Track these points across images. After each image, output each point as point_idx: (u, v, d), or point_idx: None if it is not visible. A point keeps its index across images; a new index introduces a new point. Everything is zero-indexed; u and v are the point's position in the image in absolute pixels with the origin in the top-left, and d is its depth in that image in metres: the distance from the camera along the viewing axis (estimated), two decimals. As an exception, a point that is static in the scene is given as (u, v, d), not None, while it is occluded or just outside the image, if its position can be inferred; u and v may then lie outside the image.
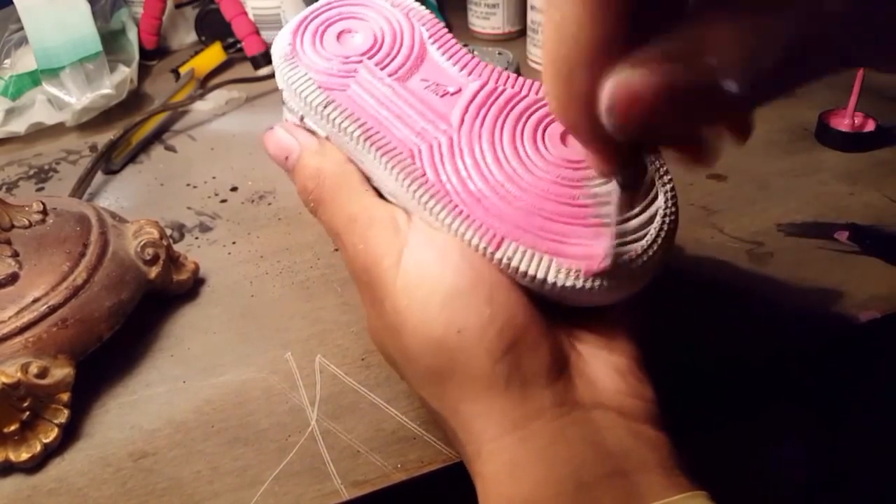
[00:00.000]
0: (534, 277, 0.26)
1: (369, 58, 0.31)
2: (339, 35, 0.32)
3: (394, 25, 0.32)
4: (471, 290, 0.25)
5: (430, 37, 0.32)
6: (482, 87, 0.30)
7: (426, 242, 0.26)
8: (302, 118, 0.31)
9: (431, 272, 0.26)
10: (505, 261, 0.26)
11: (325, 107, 0.29)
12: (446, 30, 0.32)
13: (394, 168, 0.28)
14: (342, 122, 0.29)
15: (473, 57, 0.31)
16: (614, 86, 0.18)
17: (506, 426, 0.25)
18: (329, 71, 0.30)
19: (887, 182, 0.49)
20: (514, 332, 0.25)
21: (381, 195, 0.29)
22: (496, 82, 0.30)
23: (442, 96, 0.30)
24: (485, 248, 0.26)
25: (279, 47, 0.32)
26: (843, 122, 0.53)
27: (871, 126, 0.53)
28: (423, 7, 0.33)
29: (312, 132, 0.31)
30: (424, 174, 0.28)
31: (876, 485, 0.51)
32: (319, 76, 0.30)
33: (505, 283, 0.26)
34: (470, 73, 0.31)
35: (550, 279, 0.26)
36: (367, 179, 0.29)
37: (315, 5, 0.33)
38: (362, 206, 0.28)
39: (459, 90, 0.30)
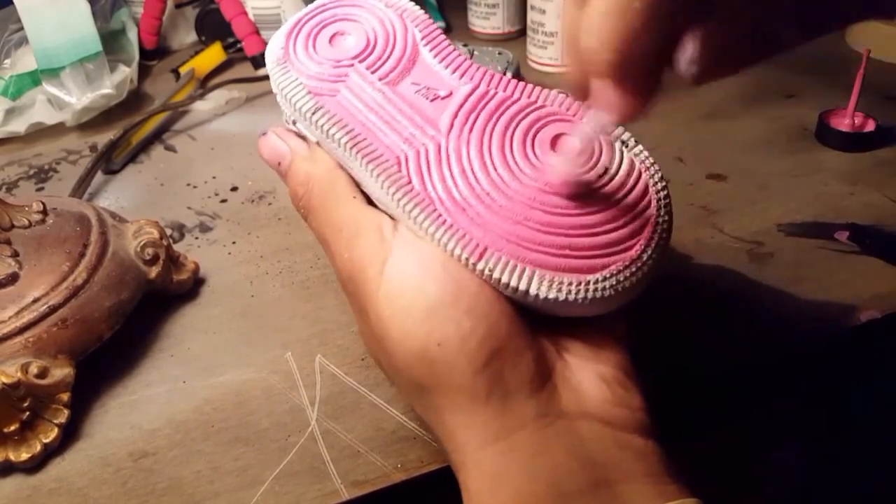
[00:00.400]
0: (516, 289, 0.25)
1: (361, 61, 0.31)
2: (331, 38, 0.31)
3: (387, 27, 0.32)
4: (451, 301, 0.25)
5: (422, 38, 0.31)
6: (473, 91, 0.29)
7: (409, 253, 0.26)
8: (294, 123, 0.31)
9: (412, 283, 0.26)
10: (487, 272, 0.25)
11: (313, 113, 0.29)
12: (440, 31, 0.32)
13: (379, 176, 0.28)
14: (330, 128, 0.29)
15: (466, 59, 0.31)
16: (700, 41, 0.21)
17: (488, 437, 0.25)
18: (320, 76, 0.30)
19: (887, 182, 0.49)
20: (496, 344, 0.25)
21: (371, 201, 0.29)
22: (488, 85, 0.30)
23: (432, 100, 0.29)
24: (467, 259, 0.26)
25: (272, 51, 0.31)
26: (843, 122, 0.53)
27: (871, 126, 0.53)
28: (418, 8, 0.33)
29: (304, 137, 0.31)
30: (410, 182, 0.27)
31: (877, 485, 0.51)
32: (310, 81, 0.30)
33: (487, 294, 0.26)
34: (461, 76, 0.30)
35: (532, 291, 0.25)
36: (358, 185, 0.29)
37: (310, 7, 0.33)
38: (349, 215, 0.28)
39: (450, 94, 0.30)
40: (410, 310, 0.25)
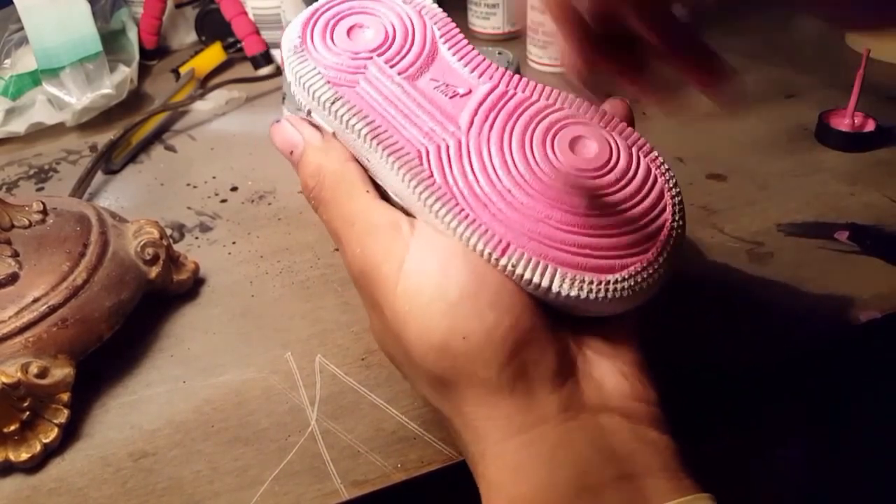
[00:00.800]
0: (538, 285, 0.26)
1: (379, 55, 0.30)
2: (349, 30, 0.31)
3: (405, 23, 0.32)
4: (474, 296, 0.25)
5: (441, 36, 0.31)
6: (492, 90, 0.30)
7: (429, 248, 0.26)
8: (309, 112, 0.31)
9: (434, 279, 0.25)
10: (510, 268, 0.26)
11: (332, 102, 0.29)
12: (458, 30, 0.32)
13: (400, 168, 0.28)
14: (350, 118, 0.29)
15: (485, 59, 0.31)
16: None
17: (510, 430, 0.25)
18: (338, 66, 0.30)
19: (887, 182, 0.49)
20: (520, 338, 0.25)
21: (384, 195, 0.29)
22: (507, 86, 0.30)
23: (451, 97, 0.29)
24: (490, 254, 0.26)
25: (289, 39, 0.31)
26: (843, 122, 0.53)
27: (871, 126, 0.53)
28: (437, 6, 0.33)
29: (318, 127, 0.31)
30: (431, 176, 0.27)
31: (877, 484, 0.51)
32: (328, 71, 0.30)
33: (510, 288, 0.26)
34: (481, 75, 0.30)
35: (555, 288, 0.25)
36: (371, 179, 0.29)
37: None
38: (361, 210, 0.28)
39: (469, 92, 0.30)
40: (432, 305, 0.25)
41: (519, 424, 0.25)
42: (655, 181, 0.28)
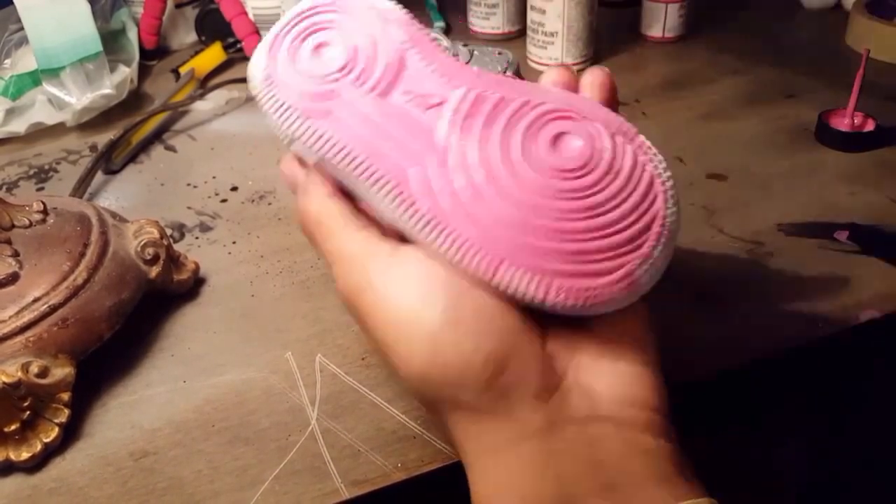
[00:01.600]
0: (533, 298, 0.25)
1: (348, 73, 0.29)
2: (315, 49, 0.30)
3: (371, 31, 0.30)
4: (454, 324, 0.25)
5: (408, 40, 0.30)
6: (465, 97, 0.28)
7: (408, 277, 0.26)
8: (291, 142, 0.30)
9: (413, 309, 0.26)
10: (503, 285, 0.25)
11: (308, 137, 0.29)
12: (426, 32, 0.31)
13: (385, 196, 0.27)
14: (327, 152, 0.28)
15: (456, 60, 0.30)
16: None
17: (494, 448, 0.25)
18: (308, 94, 0.29)
19: (887, 182, 0.49)
20: (500, 362, 0.25)
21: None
22: (479, 87, 0.29)
23: (427, 109, 0.29)
24: (483, 274, 0.25)
25: (256, 71, 0.30)
26: (843, 122, 0.53)
27: (871, 126, 0.53)
28: (399, 8, 0.31)
29: (301, 160, 0.31)
30: (415, 203, 0.27)
31: (877, 484, 0.51)
32: (301, 102, 0.29)
33: (491, 311, 0.26)
34: (451, 80, 0.29)
35: (551, 300, 0.25)
36: (357, 204, 0.29)
37: (286, 18, 0.31)
38: (338, 246, 0.28)
39: (443, 101, 0.29)
40: (412, 336, 0.25)
41: (503, 442, 0.25)
42: (643, 170, 0.27)
